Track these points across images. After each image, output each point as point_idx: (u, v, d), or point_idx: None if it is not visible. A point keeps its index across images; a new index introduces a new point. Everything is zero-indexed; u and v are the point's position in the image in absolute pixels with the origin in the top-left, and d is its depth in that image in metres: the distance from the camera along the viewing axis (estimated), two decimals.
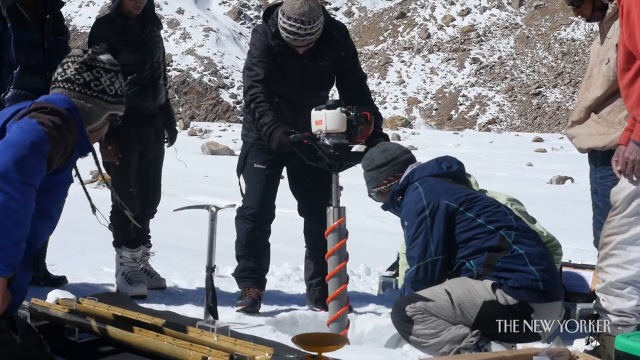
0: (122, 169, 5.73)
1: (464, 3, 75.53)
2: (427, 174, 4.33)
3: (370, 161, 4.55)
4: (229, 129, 39.01)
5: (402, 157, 4.52)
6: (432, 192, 4.19)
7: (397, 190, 4.40)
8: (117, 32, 5.67)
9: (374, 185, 4.56)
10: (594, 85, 4.68)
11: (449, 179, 4.36)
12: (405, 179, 4.39)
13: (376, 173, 4.52)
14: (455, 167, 4.43)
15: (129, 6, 5.65)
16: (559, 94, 54.25)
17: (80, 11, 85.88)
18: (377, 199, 4.63)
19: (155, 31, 5.90)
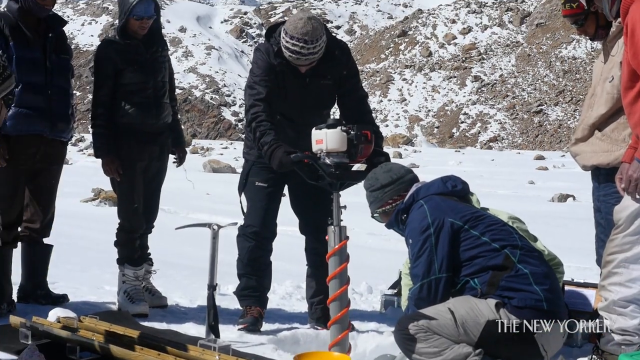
0: (126, 186, 5.74)
1: (465, 21, 75.77)
2: (432, 193, 4.33)
3: (375, 181, 4.54)
4: (230, 146, 39.05)
5: (406, 177, 4.52)
6: (437, 209, 4.18)
7: (402, 209, 4.39)
8: (121, 52, 5.70)
9: (378, 205, 4.54)
10: (597, 103, 4.68)
11: (454, 198, 4.35)
12: (411, 197, 4.38)
13: (381, 193, 4.51)
14: (460, 186, 4.42)
15: (135, 26, 5.68)
16: (561, 112, 54.30)
17: (82, 30, 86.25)
18: (380, 219, 4.61)
19: (160, 52, 5.91)
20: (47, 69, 5.48)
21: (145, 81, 5.75)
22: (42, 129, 5.45)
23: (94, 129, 5.76)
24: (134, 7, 5.59)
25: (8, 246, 5.46)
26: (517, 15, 72.89)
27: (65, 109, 5.62)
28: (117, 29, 5.75)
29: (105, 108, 5.70)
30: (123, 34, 5.72)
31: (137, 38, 5.74)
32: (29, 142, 5.44)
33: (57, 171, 5.74)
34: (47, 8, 5.47)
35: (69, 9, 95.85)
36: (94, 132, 5.76)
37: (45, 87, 5.47)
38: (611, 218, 4.37)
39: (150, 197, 5.94)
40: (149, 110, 5.77)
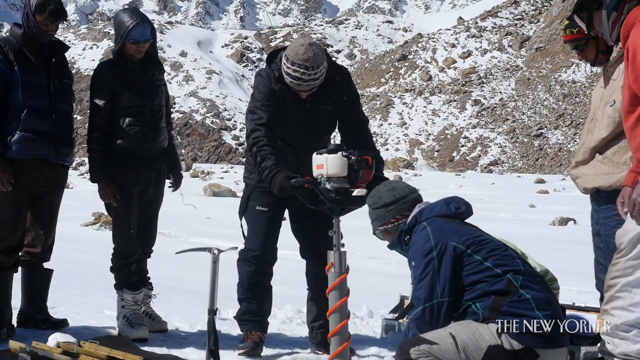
0: (122, 211, 5.73)
1: (465, 45, 76.05)
2: (436, 214, 4.30)
3: (378, 199, 4.52)
4: (231, 170, 39.07)
5: (410, 196, 4.50)
6: (440, 232, 4.16)
7: (405, 230, 4.37)
8: (118, 75, 5.71)
9: (380, 223, 4.52)
10: (598, 127, 4.70)
11: (457, 220, 4.34)
12: (414, 219, 4.36)
13: (383, 211, 4.49)
14: (463, 208, 4.40)
15: (131, 50, 5.69)
16: (561, 136, 54.38)
17: (84, 54, 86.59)
18: (382, 237, 4.60)
19: (157, 75, 5.93)
20: (51, 93, 5.51)
21: (143, 105, 5.76)
22: (47, 153, 5.47)
23: (90, 153, 5.74)
24: (130, 31, 5.60)
25: (8, 271, 5.45)
26: (517, 40, 73.18)
27: (68, 134, 5.64)
28: (114, 52, 5.77)
29: (102, 132, 5.70)
30: (120, 58, 5.74)
31: (134, 62, 5.76)
32: (34, 167, 5.45)
33: (59, 195, 5.75)
34: (50, 34, 5.50)
35: (70, 33, 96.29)
36: (90, 157, 5.74)
37: (50, 111, 5.49)
38: (611, 241, 4.37)
39: (148, 222, 5.93)
40: (146, 134, 5.77)
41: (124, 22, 5.64)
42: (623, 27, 4.12)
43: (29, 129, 5.38)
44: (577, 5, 4.46)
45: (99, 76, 5.77)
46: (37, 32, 5.42)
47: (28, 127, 5.37)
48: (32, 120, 5.39)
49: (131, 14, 5.69)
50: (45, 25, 5.41)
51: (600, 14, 4.32)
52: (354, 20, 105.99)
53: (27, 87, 5.38)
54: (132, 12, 5.73)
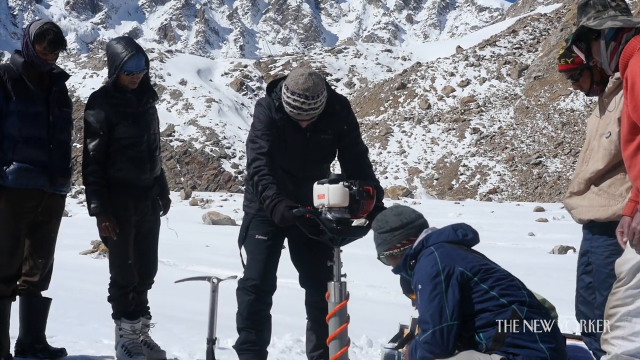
0: (121, 242, 5.72)
1: (464, 74, 76.33)
2: (443, 240, 4.29)
3: (384, 223, 4.51)
4: (230, 198, 39.05)
5: (417, 222, 4.49)
6: (447, 257, 4.14)
7: (411, 254, 4.35)
8: (114, 106, 5.71)
9: (385, 247, 4.50)
10: (594, 158, 4.70)
11: (464, 247, 4.32)
12: (420, 243, 4.33)
13: (390, 236, 4.47)
14: (470, 235, 4.38)
15: (126, 81, 5.70)
16: (560, 164, 54.44)
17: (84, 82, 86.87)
18: (386, 262, 4.58)
19: (151, 102, 5.95)
20: (50, 123, 5.50)
21: (140, 135, 5.76)
22: (43, 183, 5.45)
23: (87, 186, 5.71)
24: (125, 63, 5.61)
25: (6, 299, 5.43)
26: (515, 68, 73.48)
27: (65, 163, 5.62)
28: (109, 83, 5.76)
29: (98, 164, 5.68)
30: (115, 88, 5.74)
31: (128, 92, 5.76)
32: (31, 196, 5.45)
33: (57, 224, 5.74)
34: (49, 63, 5.50)
35: (70, 62, 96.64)
36: (87, 190, 5.72)
37: (48, 141, 5.48)
38: (602, 271, 4.38)
39: (149, 253, 5.92)
40: (144, 165, 5.78)
41: (118, 54, 5.63)
42: (621, 57, 4.15)
43: (25, 159, 5.37)
44: (576, 36, 4.49)
45: (95, 107, 5.74)
46: (36, 61, 5.43)
47: (24, 157, 5.37)
48: (29, 150, 5.38)
49: (125, 45, 5.68)
50: (44, 55, 5.42)
51: (599, 44, 4.35)
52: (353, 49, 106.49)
53: (24, 116, 5.37)
54: (126, 43, 5.71)
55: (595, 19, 4.37)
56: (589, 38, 4.43)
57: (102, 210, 5.63)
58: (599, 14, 4.39)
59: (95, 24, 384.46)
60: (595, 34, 4.39)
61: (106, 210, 5.64)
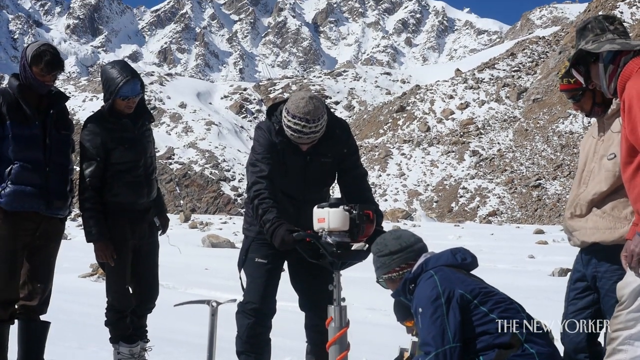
0: (117, 266, 5.70)
1: (463, 97, 76.54)
2: (442, 264, 4.29)
3: (383, 247, 4.50)
4: (229, 221, 39.00)
5: (416, 245, 4.49)
6: (447, 280, 4.14)
7: (410, 278, 4.34)
8: (110, 131, 5.69)
9: (384, 271, 4.50)
10: (595, 180, 4.66)
11: (463, 271, 4.31)
12: (419, 267, 4.33)
13: (389, 259, 4.47)
14: (469, 260, 4.39)
15: (122, 106, 5.68)
16: (559, 186, 54.45)
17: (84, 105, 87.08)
18: (385, 285, 4.57)
19: (146, 125, 5.94)
20: (47, 145, 5.47)
21: (136, 160, 5.75)
22: (38, 207, 5.41)
23: (83, 212, 5.70)
24: (120, 88, 5.58)
25: (4, 324, 5.39)
26: (514, 91, 73.69)
27: (62, 186, 5.58)
28: (105, 108, 5.75)
29: (94, 190, 5.66)
30: (110, 113, 5.73)
31: (124, 116, 5.75)
32: (28, 219, 5.42)
33: (55, 248, 5.70)
34: (47, 84, 5.46)
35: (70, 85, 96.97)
36: (84, 216, 5.70)
37: (44, 164, 5.44)
38: (611, 295, 4.33)
39: (149, 276, 5.90)
40: (141, 189, 5.77)
41: (113, 79, 5.61)
42: (620, 80, 4.16)
43: (20, 182, 5.33)
44: (574, 59, 4.50)
45: (91, 133, 5.72)
46: (34, 83, 5.40)
47: (20, 180, 5.33)
48: (25, 173, 5.35)
49: (120, 70, 5.65)
50: (42, 76, 5.38)
51: (597, 67, 4.36)
52: (353, 72, 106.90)
53: (20, 139, 5.34)
54: (121, 68, 5.68)
55: (593, 42, 4.38)
56: (587, 61, 4.45)
57: (99, 237, 5.62)
58: (597, 37, 4.40)
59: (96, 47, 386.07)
60: (593, 57, 4.40)
61: (103, 237, 5.62)
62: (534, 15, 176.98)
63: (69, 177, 5.74)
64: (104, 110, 5.74)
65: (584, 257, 4.76)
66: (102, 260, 5.68)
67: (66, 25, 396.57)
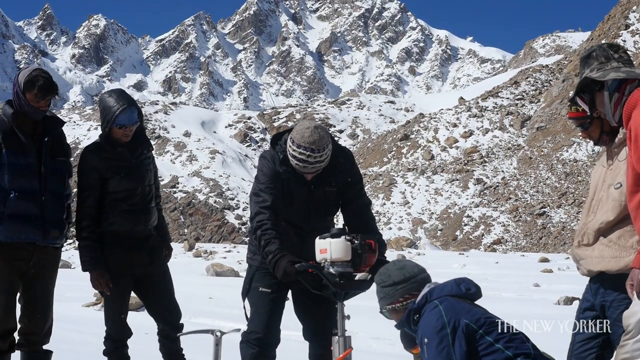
0: (115, 296, 5.67)
1: (467, 125, 76.63)
2: (446, 294, 4.27)
3: (387, 277, 4.48)
4: (234, 250, 38.91)
5: (419, 276, 4.47)
6: (452, 310, 4.12)
7: (415, 309, 4.32)
8: (106, 160, 5.67)
9: (388, 302, 4.48)
10: (603, 209, 4.64)
11: (467, 301, 4.29)
12: (423, 298, 4.31)
13: (392, 290, 4.45)
14: (473, 290, 4.37)
15: (119, 135, 5.67)
16: (564, 214, 54.31)
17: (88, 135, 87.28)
18: (389, 316, 4.55)
19: (145, 154, 5.89)
20: (42, 174, 5.40)
21: (133, 188, 5.72)
22: (34, 237, 5.35)
23: (79, 241, 5.66)
24: (117, 117, 5.55)
25: (4, 354, 5.34)
26: (518, 119, 73.77)
27: (58, 215, 5.52)
28: (102, 137, 5.73)
29: (91, 219, 5.65)
30: (107, 141, 5.71)
31: (121, 145, 5.73)
32: (23, 248, 5.37)
33: (52, 276, 5.63)
34: (42, 110, 5.38)
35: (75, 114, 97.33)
36: (80, 245, 5.68)
37: (39, 193, 5.37)
38: (619, 324, 4.30)
39: (162, 298, 5.87)
40: (138, 217, 5.74)
41: (110, 107, 5.58)
42: (625, 108, 4.15)
43: (16, 213, 5.27)
44: (579, 87, 4.51)
45: (87, 162, 5.70)
46: (28, 109, 5.32)
47: (15, 211, 5.27)
48: (20, 202, 5.29)
49: (117, 98, 5.62)
50: (36, 102, 5.30)
51: (603, 95, 4.36)
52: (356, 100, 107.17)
53: (15, 168, 5.28)
54: (118, 96, 5.64)
55: (598, 71, 4.38)
56: (592, 89, 4.45)
57: (94, 267, 5.60)
58: (602, 65, 4.41)
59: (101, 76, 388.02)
60: (598, 85, 4.40)
61: (98, 266, 5.60)
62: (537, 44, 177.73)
63: (66, 204, 5.66)
64: (101, 140, 5.73)
65: (593, 286, 4.75)
66: (98, 289, 5.66)
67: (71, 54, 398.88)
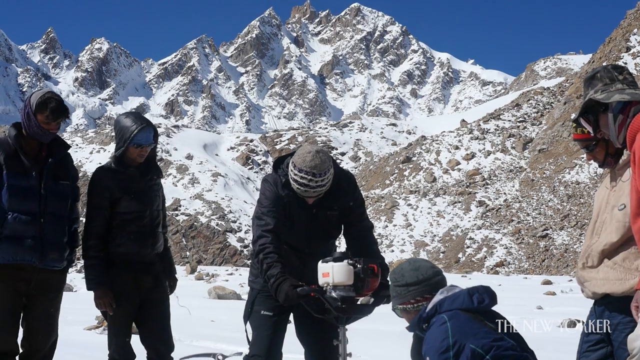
0: (119, 318, 5.66)
1: (469, 147, 76.70)
2: (457, 307, 4.18)
3: (400, 277, 4.44)
4: (236, 272, 38.88)
5: (433, 279, 4.41)
6: (459, 331, 4.03)
7: (424, 318, 4.27)
8: (118, 180, 5.70)
9: (400, 301, 4.44)
10: (607, 231, 4.62)
11: (479, 317, 4.20)
12: (434, 308, 4.25)
13: (404, 290, 4.41)
14: (487, 301, 4.27)
15: (134, 154, 5.70)
16: (566, 237, 54.20)
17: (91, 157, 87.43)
18: (400, 314, 4.51)
19: (155, 180, 5.93)
20: (42, 196, 5.41)
21: (142, 210, 5.75)
22: (31, 258, 5.33)
23: (86, 260, 5.66)
24: (135, 135, 5.61)
25: None
26: (520, 141, 73.84)
27: (58, 237, 5.50)
28: (115, 156, 5.76)
29: (99, 238, 5.65)
30: (120, 162, 5.74)
31: (133, 166, 5.76)
32: (22, 270, 5.35)
33: (56, 299, 5.59)
34: (52, 132, 5.43)
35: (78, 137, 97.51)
36: (86, 264, 5.67)
37: (39, 215, 5.37)
38: (625, 347, 4.27)
39: (158, 327, 5.85)
40: (146, 240, 5.75)
41: (127, 127, 5.65)
42: (629, 130, 4.15)
43: (13, 234, 5.27)
44: (583, 109, 4.51)
45: (99, 181, 5.73)
46: (38, 131, 5.36)
47: (13, 232, 5.27)
48: (18, 224, 5.29)
49: (135, 119, 5.72)
50: (46, 124, 5.34)
51: (607, 117, 4.36)
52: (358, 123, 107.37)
53: (15, 190, 5.29)
54: (135, 117, 5.75)
55: (602, 92, 4.39)
56: (596, 111, 4.45)
57: (98, 285, 5.59)
58: (607, 87, 4.41)
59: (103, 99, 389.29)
60: (602, 107, 4.40)
61: (103, 285, 5.59)
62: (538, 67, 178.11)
63: (68, 228, 5.66)
64: (113, 161, 5.76)
65: (597, 309, 4.71)
66: (101, 308, 5.64)
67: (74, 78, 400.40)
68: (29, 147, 5.47)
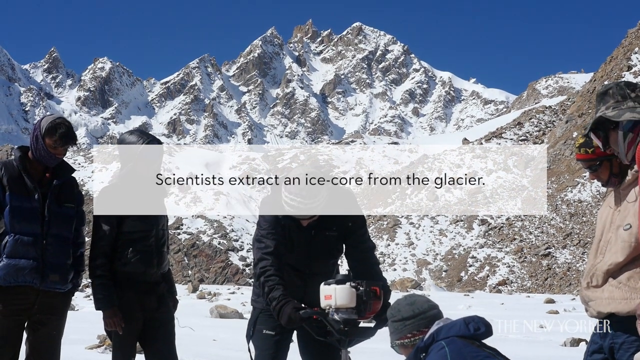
0: (125, 337, 5.65)
1: (471, 166, 76.70)
2: (454, 334, 4.21)
3: (397, 312, 4.46)
4: (237, 291, 38.79)
5: (429, 313, 4.43)
6: (458, 356, 4.05)
7: (421, 347, 4.28)
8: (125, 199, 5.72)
9: (397, 337, 4.45)
10: (612, 250, 4.61)
11: (476, 343, 4.23)
12: (431, 337, 4.26)
13: (401, 325, 4.42)
14: (483, 329, 4.29)
15: (143, 170, 5.74)
16: (569, 255, 54.10)
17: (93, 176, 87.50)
18: (398, 351, 4.52)
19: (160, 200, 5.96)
20: (45, 218, 5.42)
21: (148, 229, 5.75)
22: (32, 280, 5.32)
23: (94, 279, 5.66)
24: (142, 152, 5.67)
25: None
26: (522, 160, 73.88)
27: (61, 260, 5.49)
28: (121, 176, 5.78)
29: (106, 258, 5.65)
30: (124, 182, 5.76)
31: None
32: (23, 292, 5.34)
33: (59, 322, 5.58)
34: (58, 156, 5.48)
35: (80, 156, 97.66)
36: (94, 283, 5.67)
37: (41, 237, 5.38)
38: None
39: (163, 348, 5.84)
40: (151, 260, 5.75)
41: (134, 142, 5.70)
42: (638, 149, 4.15)
43: (14, 256, 5.27)
44: (594, 125, 4.51)
45: (104, 200, 5.74)
46: (44, 154, 5.40)
47: (14, 254, 5.27)
48: (19, 246, 5.29)
49: (140, 135, 5.76)
50: (54, 148, 5.39)
51: (617, 134, 4.37)
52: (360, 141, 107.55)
53: (18, 212, 5.31)
54: (140, 133, 5.79)
55: (614, 109, 4.39)
56: (607, 127, 4.46)
57: (108, 305, 5.58)
58: (618, 104, 4.41)
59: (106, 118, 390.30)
60: (613, 124, 4.41)
61: (113, 305, 5.59)
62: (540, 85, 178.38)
63: (72, 250, 5.66)
64: (119, 180, 5.78)
65: (601, 329, 4.70)
66: (110, 328, 5.63)
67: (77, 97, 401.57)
68: (33, 169, 5.50)
